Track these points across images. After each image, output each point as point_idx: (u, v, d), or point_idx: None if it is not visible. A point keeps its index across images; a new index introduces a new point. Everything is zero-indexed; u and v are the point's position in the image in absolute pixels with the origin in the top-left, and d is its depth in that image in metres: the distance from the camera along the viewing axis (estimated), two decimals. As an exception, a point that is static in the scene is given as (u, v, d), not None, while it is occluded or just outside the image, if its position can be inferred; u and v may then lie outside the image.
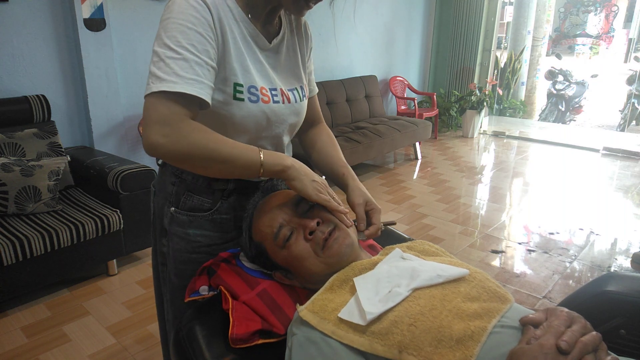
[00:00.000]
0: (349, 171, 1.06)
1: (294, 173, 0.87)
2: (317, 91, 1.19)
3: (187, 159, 0.81)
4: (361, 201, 0.98)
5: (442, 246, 0.98)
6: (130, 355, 1.88)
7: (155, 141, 0.77)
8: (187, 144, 0.79)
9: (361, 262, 0.87)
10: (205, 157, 0.81)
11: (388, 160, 4.84)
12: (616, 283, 0.96)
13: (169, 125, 0.78)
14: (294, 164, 0.88)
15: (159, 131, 0.77)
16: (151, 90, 0.79)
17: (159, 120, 0.78)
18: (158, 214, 1.07)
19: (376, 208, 0.98)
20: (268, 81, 0.96)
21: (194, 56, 0.81)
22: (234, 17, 0.90)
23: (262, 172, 0.85)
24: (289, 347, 0.77)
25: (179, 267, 1.04)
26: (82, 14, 2.67)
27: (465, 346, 0.67)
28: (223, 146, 0.82)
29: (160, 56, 0.80)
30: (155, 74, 0.79)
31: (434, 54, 6.05)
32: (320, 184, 0.90)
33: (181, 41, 0.81)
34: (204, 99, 0.82)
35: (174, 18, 0.82)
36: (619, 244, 2.90)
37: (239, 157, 0.84)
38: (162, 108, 0.78)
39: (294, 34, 1.04)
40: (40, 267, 2.12)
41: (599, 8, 11.56)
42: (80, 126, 2.92)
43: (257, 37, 0.94)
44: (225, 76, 0.89)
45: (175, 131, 0.78)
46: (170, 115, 0.78)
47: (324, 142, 1.15)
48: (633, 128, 6.69)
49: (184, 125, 0.79)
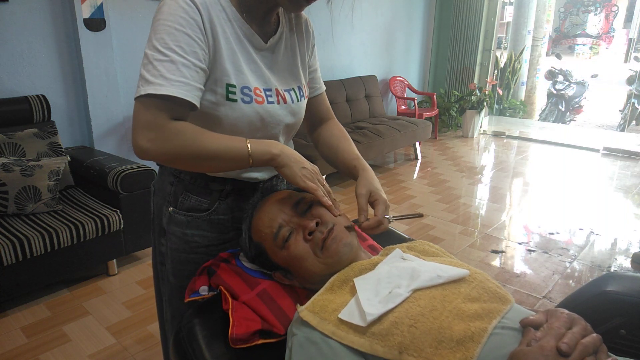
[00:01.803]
0: (360, 162, 1.02)
1: (284, 160, 0.86)
2: (325, 88, 1.17)
3: (176, 159, 0.83)
4: (364, 192, 0.94)
5: (442, 246, 0.98)
6: (130, 355, 1.88)
7: (142, 145, 0.78)
8: (173, 146, 0.80)
9: (361, 262, 0.87)
10: (193, 156, 0.82)
11: (388, 160, 4.84)
12: (616, 283, 0.96)
13: (154, 130, 0.78)
14: (283, 151, 0.87)
15: (145, 136, 0.78)
16: (139, 93, 0.79)
17: (145, 125, 0.78)
18: (157, 214, 1.07)
19: (380, 199, 0.93)
20: (262, 81, 0.95)
21: (182, 58, 0.81)
22: (227, 17, 0.89)
23: (252, 162, 0.85)
24: (289, 347, 0.77)
25: (176, 267, 1.04)
26: (82, 14, 2.67)
27: (465, 347, 0.67)
28: (209, 143, 0.82)
29: (149, 58, 0.80)
30: (144, 76, 0.80)
31: (434, 54, 6.05)
32: (309, 171, 0.89)
33: (169, 43, 0.80)
34: (190, 101, 0.81)
35: (163, 20, 0.82)
36: (619, 244, 2.90)
37: (227, 152, 0.83)
38: (147, 113, 0.79)
39: (293, 32, 1.02)
40: (40, 267, 2.12)
41: (599, 8, 11.56)
42: (80, 126, 2.91)
43: (252, 37, 0.93)
44: (217, 77, 0.88)
45: (160, 135, 0.79)
46: (155, 119, 0.79)
47: (335, 136, 1.12)
48: (633, 128, 6.69)
49: (168, 127, 0.79)
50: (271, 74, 0.97)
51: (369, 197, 0.94)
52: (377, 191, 0.95)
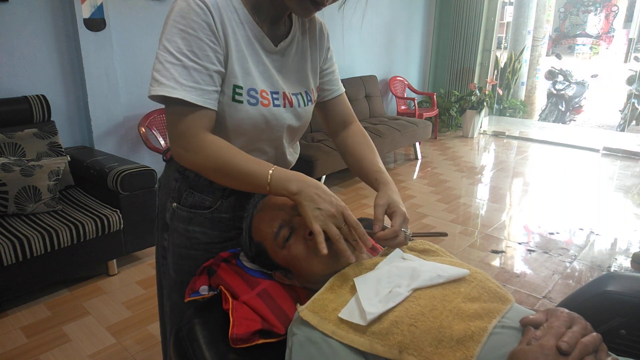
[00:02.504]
0: (382, 176, 0.99)
1: (299, 198, 0.82)
2: (343, 90, 1.15)
3: (203, 169, 0.88)
4: (382, 202, 0.92)
5: (442, 246, 0.97)
6: (130, 355, 1.88)
7: (178, 153, 0.87)
8: (203, 157, 0.85)
9: (361, 262, 0.87)
10: (217, 170, 0.86)
11: (388, 160, 4.84)
12: (616, 283, 0.96)
13: (187, 139, 0.85)
14: (301, 191, 0.82)
15: (180, 144, 0.86)
16: (151, 93, 0.84)
17: (180, 134, 0.85)
18: (161, 209, 1.09)
19: (398, 211, 0.91)
20: (270, 84, 0.95)
21: (194, 63, 0.83)
22: (239, 19, 0.90)
23: (269, 190, 0.84)
24: (289, 347, 0.77)
25: (177, 262, 1.05)
26: (82, 14, 2.67)
27: (465, 346, 0.67)
28: (235, 162, 0.85)
29: (160, 59, 0.83)
30: (155, 77, 0.83)
31: (434, 54, 6.05)
32: (322, 213, 0.80)
33: (181, 47, 0.82)
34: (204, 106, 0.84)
35: (175, 22, 0.83)
36: (619, 244, 2.90)
37: (248, 175, 0.85)
38: (181, 123, 0.84)
39: (306, 36, 1.02)
40: (40, 267, 2.12)
41: (599, 8, 11.56)
42: (80, 126, 2.91)
43: (263, 40, 0.93)
44: (226, 78, 0.89)
45: (192, 145, 0.85)
46: (188, 129, 0.84)
47: (357, 144, 1.10)
48: (633, 128, 6.69)
49: (200, 138, 0.85)
50: (280, 77, 0.97)
51: (386, 209, 0.92)
52: (395, 203, 0.92)
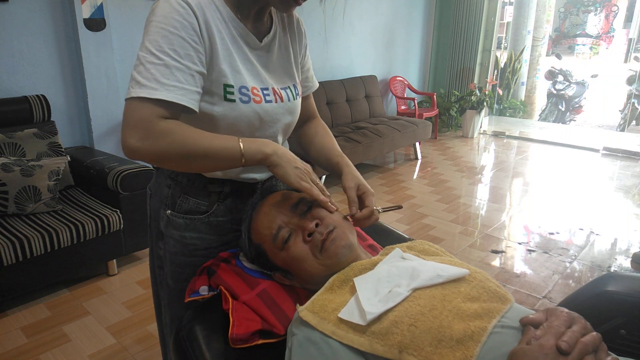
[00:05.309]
0: (343, 159, 1.05)
1: (276, 159, 0.86)
2: (317, 86, 1.18)
3: (167, 159, 0.80)
4: (352, 184, 0.96)
5: (442, 246, 0.98)
6: (130, 355, 1.88)
7: (132, 145, 0.77)
8: (164, 145, 0.78)
9: (361, 262, 0.87)
10: (184, 155, 0.80)
11: (388, 160, 4.84)
12: (616, 283, 0.96)
13: (144, 129, 0.77)
14: (275, 151, 0.86)
15: (134, 135, 0.77)
16: (130, 95, 0.78)
17: (135, 124, 0.77)
18: (154, 217, 1.07)
19: (368, 191, 0.96)
20: (259, 81, 0.95)
21: (176, 62, 0.80)
22: (222, 18, 0.89)
23: (244, 161, 0.84)
24: (289, 347, 0.77)
25: (175, 270, 1.03)
26: (82, 14, 2.67)
27: (465, 346, 0.67)
28: (201, 141, 0.81)
29: (141, 60, 0.79)
30: (136, 78, 0.78)
31: (434, 54, 6.05)
32: (302, 171, 0.88)
33: (163, 46, 0.79)
34: (186, 105, 0.80)
35: (157, 22, 0.80)
36: (619, 244, 2.90)
37: (218, 151, 0.82)
38: (138, 112, 0.77)
39: (286, 31, 1.03)
40: (40, 267, 2.12)
41: (599, 8, 11.56)
42: (80, 126, 2.91)
43: (247, 37, 0.93)
44: (214, 78, 0.87)
45: (151, 134, 0.77)
46: (146, 118, 0.77)
47: (319, 135, 1.14)
48: (633, 128, 6.69)
49: (158, 126, 0.78)
50: (267, 73, 0.97)
51: (357, 190, 0.96)
52: (363, 184, 0.97)
